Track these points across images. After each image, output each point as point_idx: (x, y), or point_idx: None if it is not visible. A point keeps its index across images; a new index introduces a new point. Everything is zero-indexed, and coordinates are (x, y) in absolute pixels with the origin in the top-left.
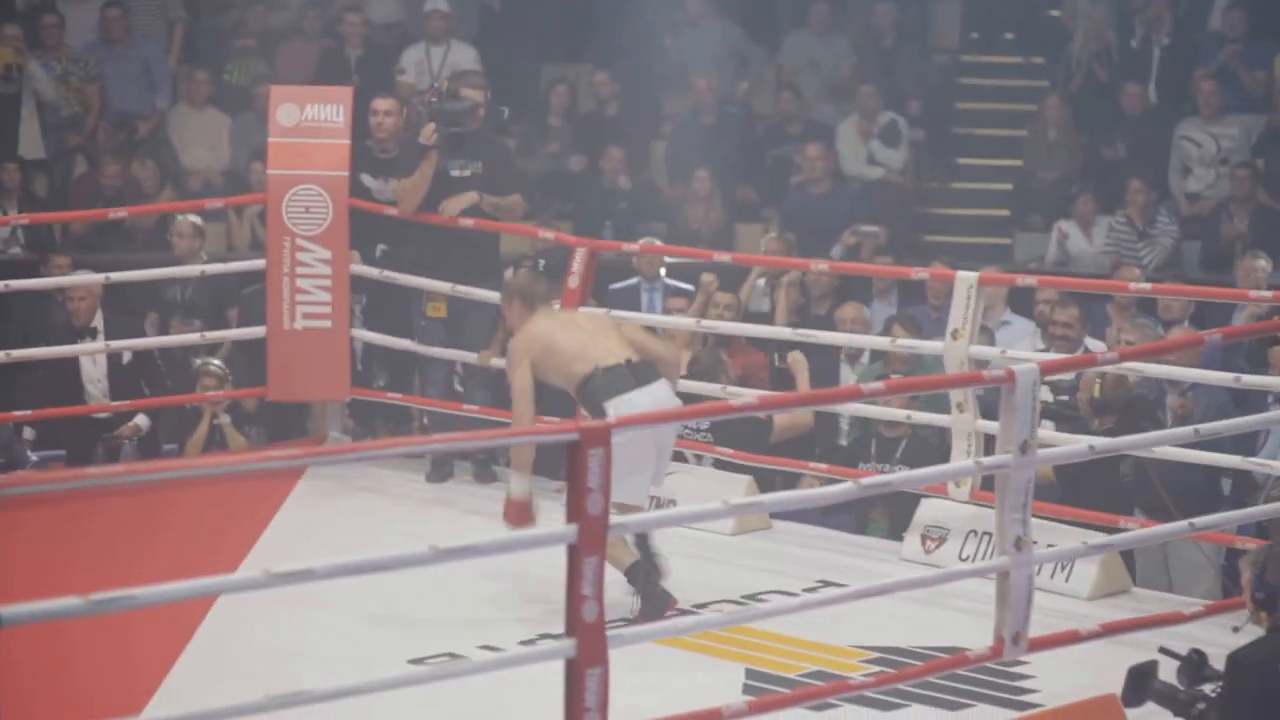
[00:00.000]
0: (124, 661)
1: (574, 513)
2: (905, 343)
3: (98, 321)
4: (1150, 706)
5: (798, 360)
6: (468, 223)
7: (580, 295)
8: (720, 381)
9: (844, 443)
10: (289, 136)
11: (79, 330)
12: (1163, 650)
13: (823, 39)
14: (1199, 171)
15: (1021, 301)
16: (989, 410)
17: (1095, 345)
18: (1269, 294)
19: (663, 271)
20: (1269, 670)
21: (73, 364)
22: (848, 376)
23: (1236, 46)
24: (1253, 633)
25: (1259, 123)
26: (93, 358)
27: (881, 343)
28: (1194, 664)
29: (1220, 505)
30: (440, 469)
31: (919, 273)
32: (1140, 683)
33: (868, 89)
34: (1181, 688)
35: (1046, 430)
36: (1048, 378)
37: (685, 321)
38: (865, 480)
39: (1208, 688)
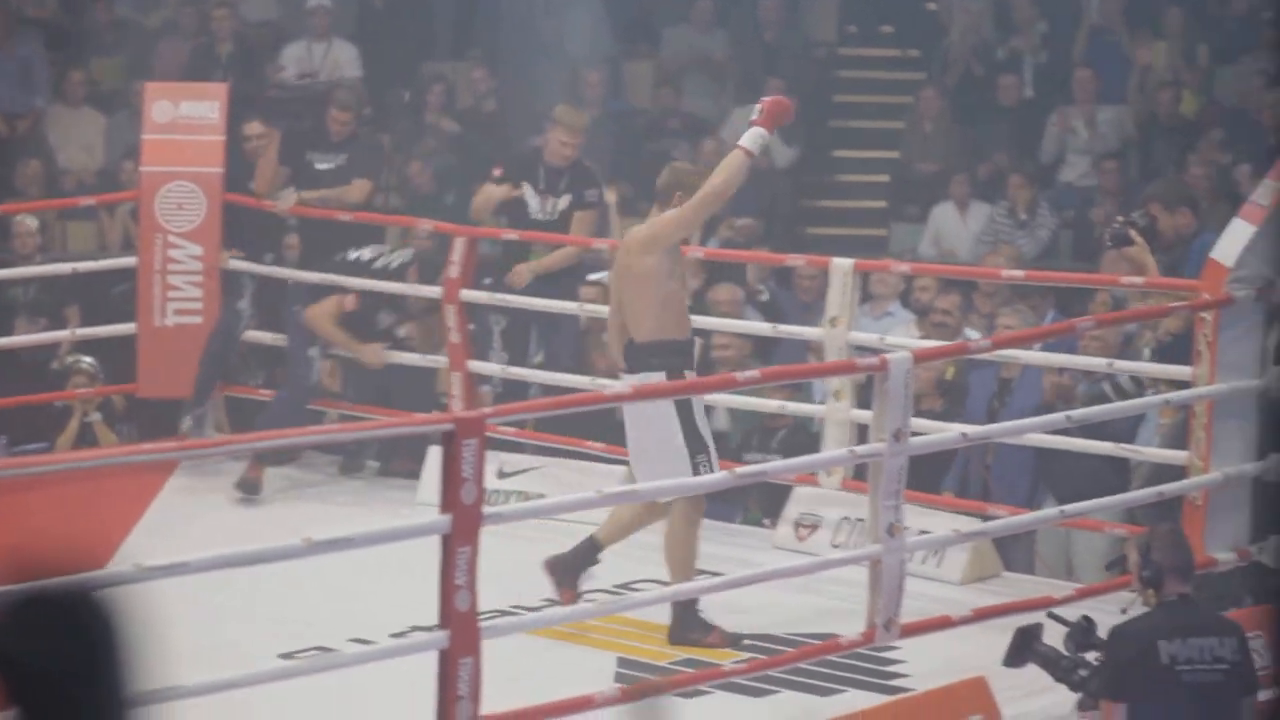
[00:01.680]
0: None
1: (448, 503)
2: (786, 329)
3: None
4: (1032, 670)
5: None
6: (345, 216)
7: (461, 285)
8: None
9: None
10: (163, 133)
11: None
12: (1050, 614)
13: (703, 33)
14: (1073, 160)
15: (907, 294)
16: (868, 401)
17: (972, 334)
18: (1140, 279)
19: None
20: (1148, 646)
21: None
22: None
23: (1113, 38)
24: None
25: (1131, 113)
26: None
27: (763, 329)
28: (1082, 629)
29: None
30: (354, 461)
31: (794, 259)
32: (1024, 644)
33: (776, 82)
34: (1066, 653)
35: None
36: None
37: (569, 305)
38: (740, 470)
39: (1091, 655)
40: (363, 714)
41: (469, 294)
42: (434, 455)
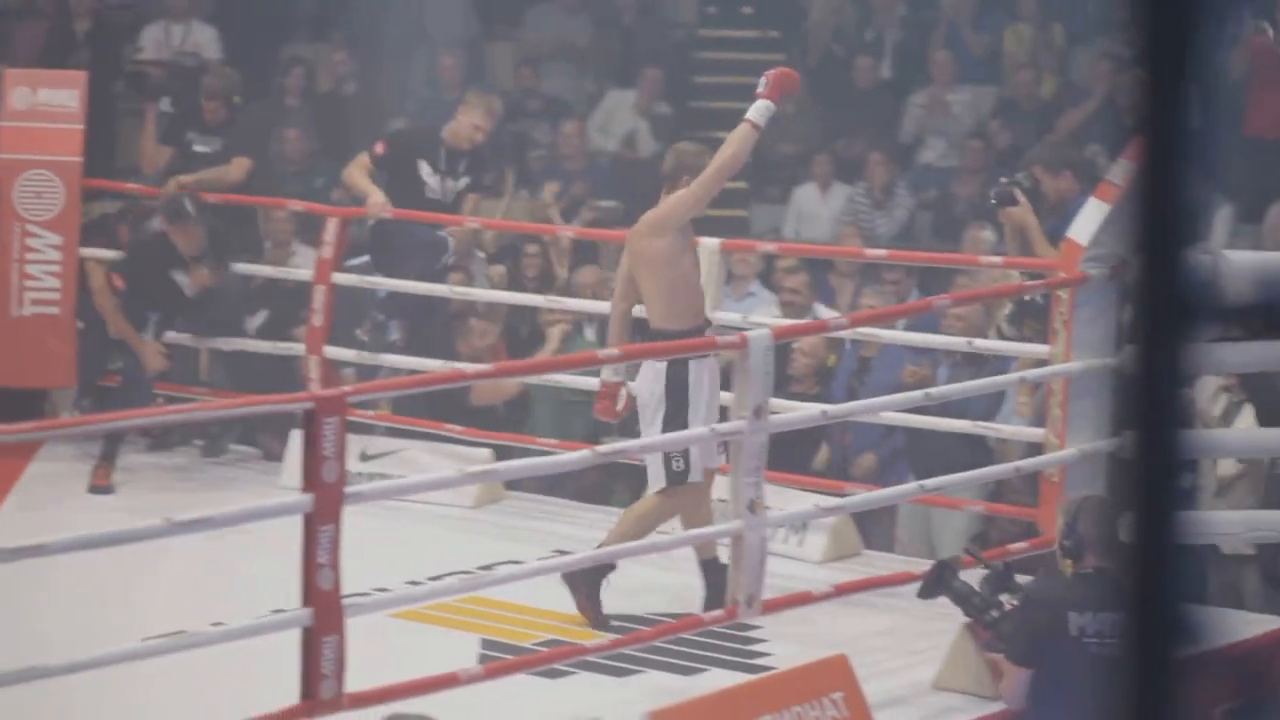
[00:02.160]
0: None
1: (310, 482)
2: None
3: None
4: (892, 644)
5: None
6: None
7: (333, 265)
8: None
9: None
10: (22, 120)
11: None
12: (967, 550)
13: (565, 15)
14: (932, 142)
15: (768, 275)
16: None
17: (824, 313)
18: (998, 259)
19: None
20: (1057, 614)
21: None
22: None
23: (968, 18)
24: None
25: (990, 94)
26: None
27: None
28: (999, 574)
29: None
30: (216, 445)
31: None
32: (939, 578)
33: (654, 73)
34: (979, 592)
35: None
36: None
37: (439, 288)
38: (601, 448)
39: (1005, 598)
40: (229, 693)
41: (341, 276)
42: (296, 439)
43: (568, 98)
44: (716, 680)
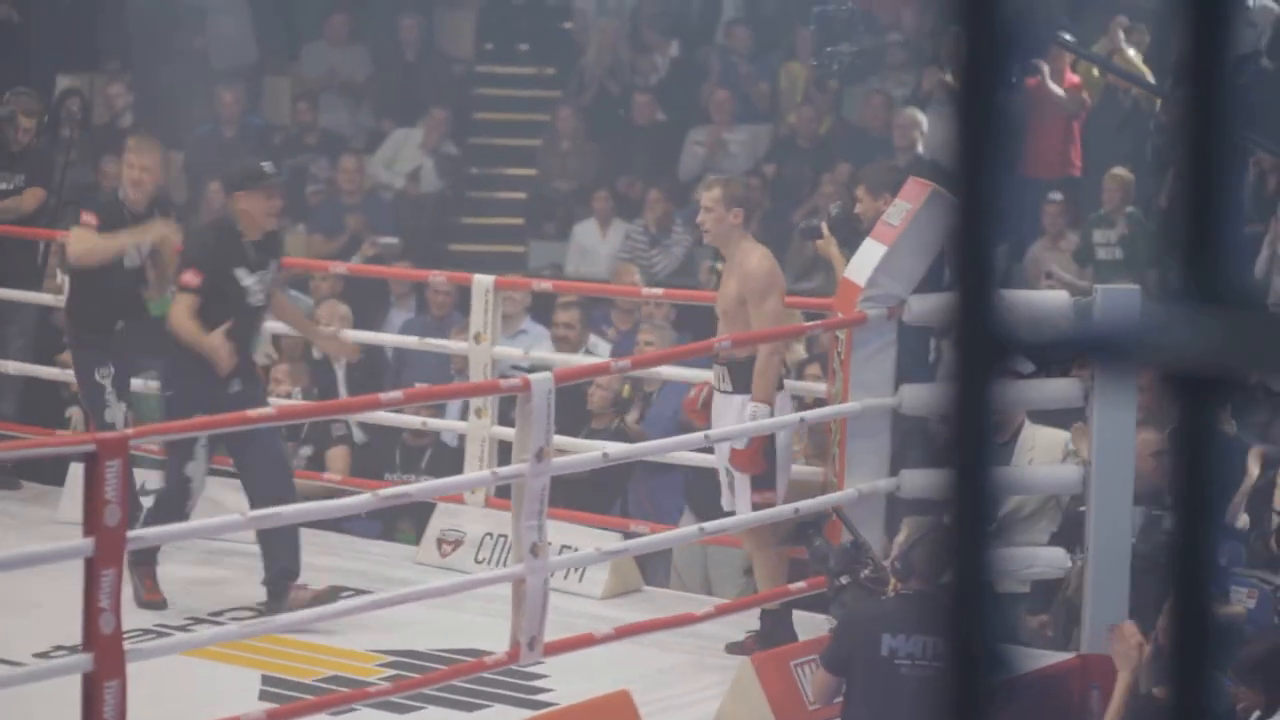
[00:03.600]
0: None
1: (91, 526)
2: (435, 342)
3: None
4: (675, 683)
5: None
6: None
7: None
8: None
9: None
10: None
11: None
12: (836, 512)
13: (341, 49)
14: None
15: (541, 310)
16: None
17: (602, 347)
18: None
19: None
20: (871, 634)
21: None
22: None
23: (743, 58)
24: None
25: (766, 131)
26: None
27: (409, 341)
28: (849, 555)
29: None
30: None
31: (436, 275)
32: (802, 535)
33: (440, 112)
34: (833, 561)
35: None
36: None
37: None
38: (383, 491)
39: (850, 576)
40: None
41: None
42: (75, 472)
43: (344, 133)
44: (498, 718)
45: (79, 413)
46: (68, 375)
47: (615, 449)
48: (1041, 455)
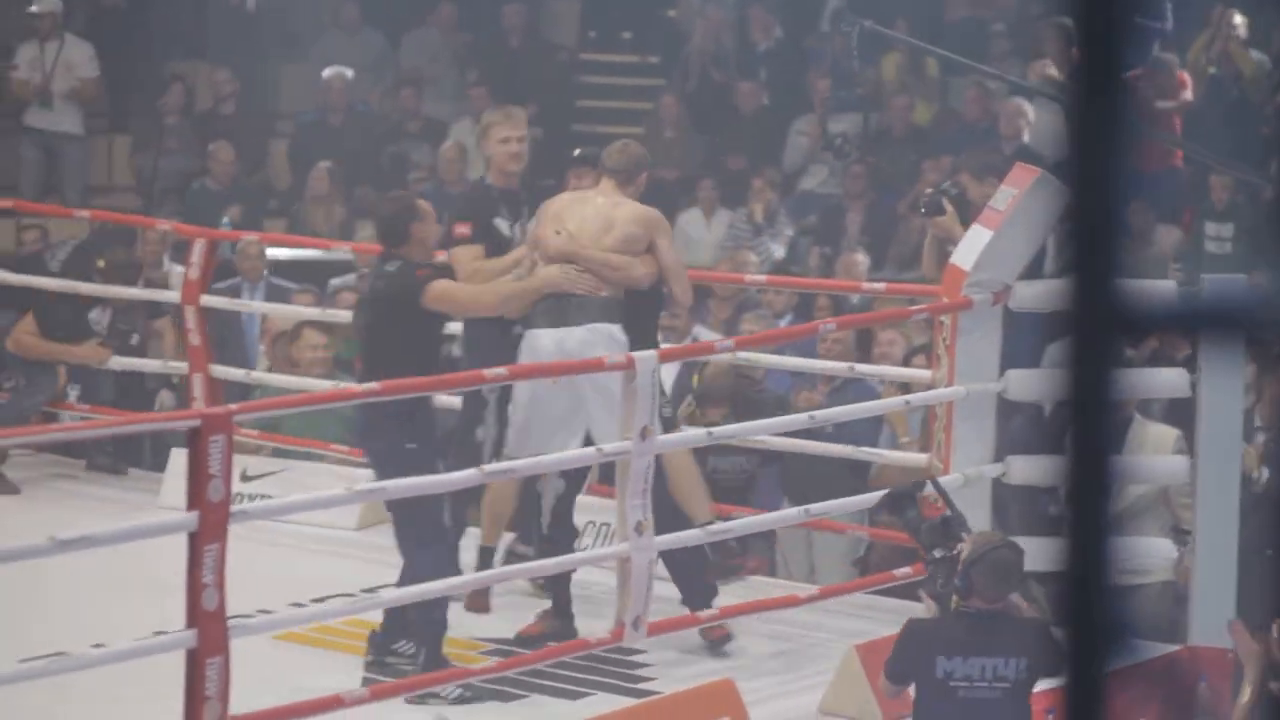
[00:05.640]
0: None
1: (195, 500)
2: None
3: None
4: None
5: None
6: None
7: (200, 287)
8: None
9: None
10: None
11: None
12: (933, 483)
13: (446, 36)
14: (814, 169)
15: None
16: None
17: (709, 334)
18: (881, 285)
19: (265, 271)
20: (926, 656)
21: None
22: None
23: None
24: None
25: (870, 120)
26: None
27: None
28: (940, 530)
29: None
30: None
31: None
32: (895, 505)
33: (478, 90)
34: (925, 534)
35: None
36: None
37: (310, 312)
38: (488, 468)
39: (945, 550)
40: (110, 717)
41: (209, 299)
42: (177, 458)
43: (448, 119)
44: (602, 704)
45: (169, 395)
46: (164, 366)
47: (719, 429)
48: (1150, 452)
